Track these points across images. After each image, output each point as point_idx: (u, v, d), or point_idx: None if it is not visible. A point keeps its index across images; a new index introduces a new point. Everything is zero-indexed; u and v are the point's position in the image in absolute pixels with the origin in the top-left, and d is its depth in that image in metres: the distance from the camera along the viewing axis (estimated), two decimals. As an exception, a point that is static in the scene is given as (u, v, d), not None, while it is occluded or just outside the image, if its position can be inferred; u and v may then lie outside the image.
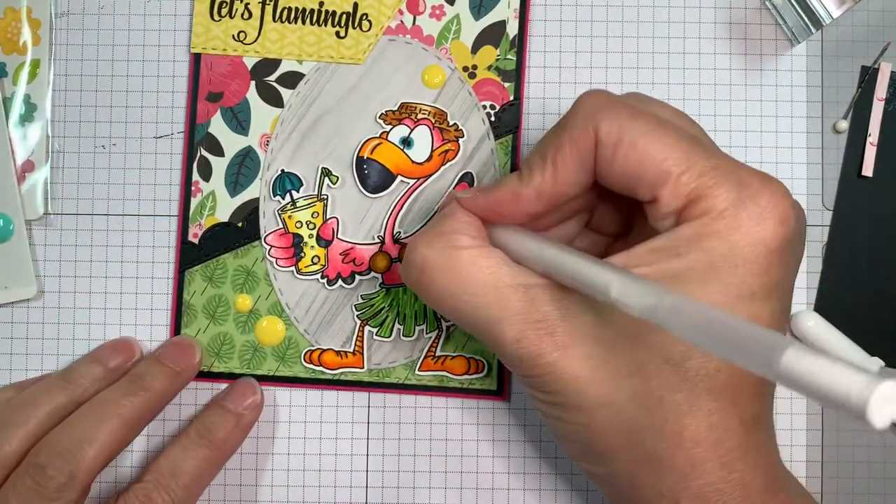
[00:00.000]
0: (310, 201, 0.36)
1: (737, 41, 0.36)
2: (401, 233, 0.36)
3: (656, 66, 0.36)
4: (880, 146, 0.36)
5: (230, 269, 0.36)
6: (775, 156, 0.36)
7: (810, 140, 0.36)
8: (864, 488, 0.35)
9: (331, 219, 0.36)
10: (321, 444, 0.36)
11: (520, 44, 0.36)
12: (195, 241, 0.36)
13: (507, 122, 0.36)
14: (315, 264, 0.36)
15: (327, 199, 0.36)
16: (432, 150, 0.36)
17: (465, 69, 0.36)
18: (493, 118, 0.36)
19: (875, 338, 0.35)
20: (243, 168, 0.36)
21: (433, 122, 0.36)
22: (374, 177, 0.36)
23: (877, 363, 0.34)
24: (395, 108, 0.36)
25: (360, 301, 0.36)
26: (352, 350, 0.36)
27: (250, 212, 0.36)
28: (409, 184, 0.36)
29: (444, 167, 0.36)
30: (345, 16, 0.36)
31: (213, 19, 0.36)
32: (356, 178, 0.36)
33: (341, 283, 0.36)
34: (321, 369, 0.36)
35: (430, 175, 0.36)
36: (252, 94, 0.36)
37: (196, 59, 0.36)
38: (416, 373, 0.35)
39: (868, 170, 0.36)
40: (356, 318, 0.36)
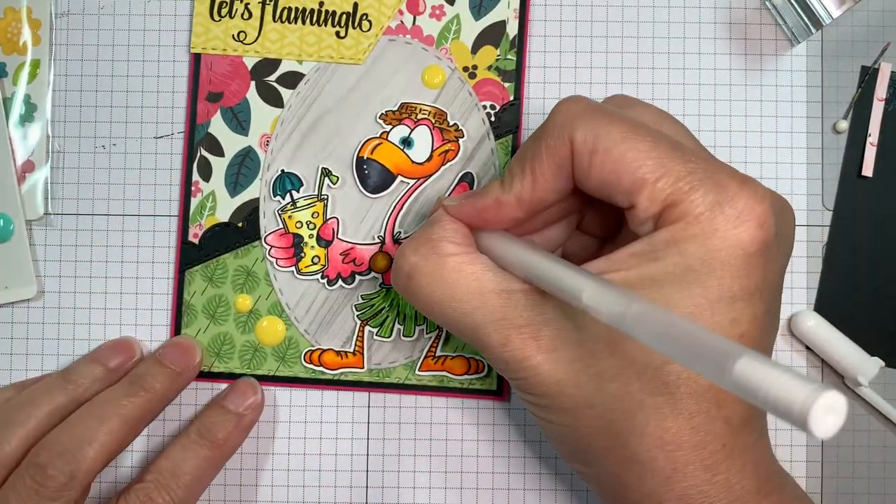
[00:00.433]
0: (310, 201, 0.36)
1: (737, 41, 0.36)
2: (401, 233, 0.36)
3: (656, 66, 0.36)
4: (880, 146, 0.36)
5: (230, 269, 0.36)
6: (775, 156, 0.36)
7: (810, 140, 0.36)
8: (864, 488, 0.35)
9: (331, 219, 0.36)
10: (321, 444, 0.36)
11: (520, 44, 0.36)
12: (195, 242, 0.36)
13: (507, 123, 0.36)
14: (315, 264, 0.36)
15: (327, 199, 0.36)
16: (432, 151, 0.36)
17: (465, 69, 0.36)
18: (493, 118, 0.36)
19: (875, 338, 0.35)
20: (243, 168, 0.36)
21: (433, 122, 0.36)
22: (374, 177, 0.36)
23: (877, 363, 0.34)
24: (395, 109, 0.36)
25: (361, 301, 0.36)
26: (352, 350, 0.36)
27: (250, 212, 0.36)
28: (409, 184, 0.36)
29: (444, 167, 0.36)
30: (345, 16, 0.36)
31: (213, 19, 0.36)
32: (356, 179, 0.36)
33: (341, 283, 0.36)
34: (321, 369, 0.36)
35: (431, 175, 0.36)
36: (252, 95, 0.36)
37: (196, 59, 0.36)
38: (417, 373, 0.35)
39: (868, 170, 0.36)
40: (356, 318, 0.36)
